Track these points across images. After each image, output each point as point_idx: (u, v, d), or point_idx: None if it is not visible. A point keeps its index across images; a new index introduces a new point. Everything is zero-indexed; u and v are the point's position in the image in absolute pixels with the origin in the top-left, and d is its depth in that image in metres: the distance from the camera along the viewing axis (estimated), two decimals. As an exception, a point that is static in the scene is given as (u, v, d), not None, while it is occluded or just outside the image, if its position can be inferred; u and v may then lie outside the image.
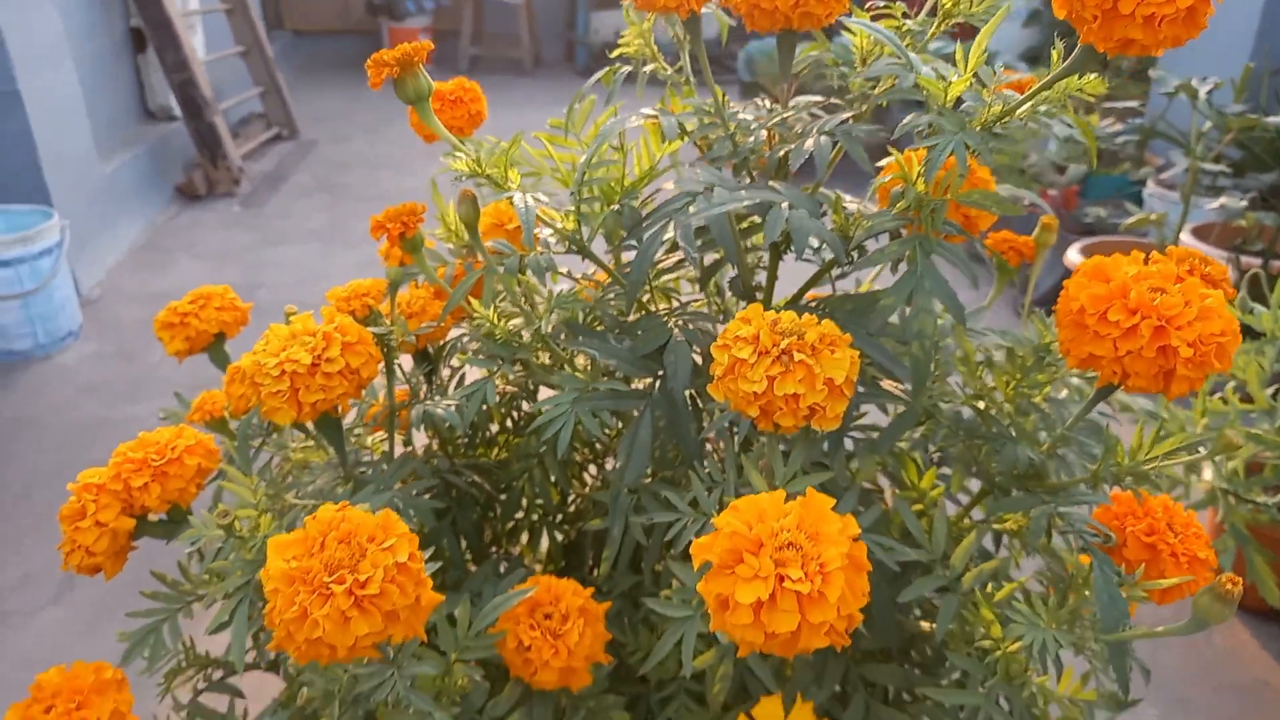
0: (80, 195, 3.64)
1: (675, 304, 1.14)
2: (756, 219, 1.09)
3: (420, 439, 1.17)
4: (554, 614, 0.84)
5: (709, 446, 1.09)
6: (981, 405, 0.85)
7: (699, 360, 1.01)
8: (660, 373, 0.96)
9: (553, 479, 1.09)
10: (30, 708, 0.83)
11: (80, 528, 0.91)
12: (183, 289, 1.20)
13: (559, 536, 1.20)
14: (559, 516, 1.20)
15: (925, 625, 0.89)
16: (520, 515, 1.21)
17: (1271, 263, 3.19)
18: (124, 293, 3.67)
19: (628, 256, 1.11)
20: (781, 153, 0.95)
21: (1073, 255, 3.23)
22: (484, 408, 1.13)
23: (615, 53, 1.04)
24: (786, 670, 0.96)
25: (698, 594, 0.78)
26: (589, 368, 1.04)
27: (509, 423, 1.22)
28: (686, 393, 0.97)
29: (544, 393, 1.16)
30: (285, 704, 0.94)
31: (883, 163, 0.91)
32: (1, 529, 2.42)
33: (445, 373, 1.20)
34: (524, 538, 1.21)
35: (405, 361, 1.15)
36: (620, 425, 1.16)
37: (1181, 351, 0.69)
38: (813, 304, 0.97)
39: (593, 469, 1.26)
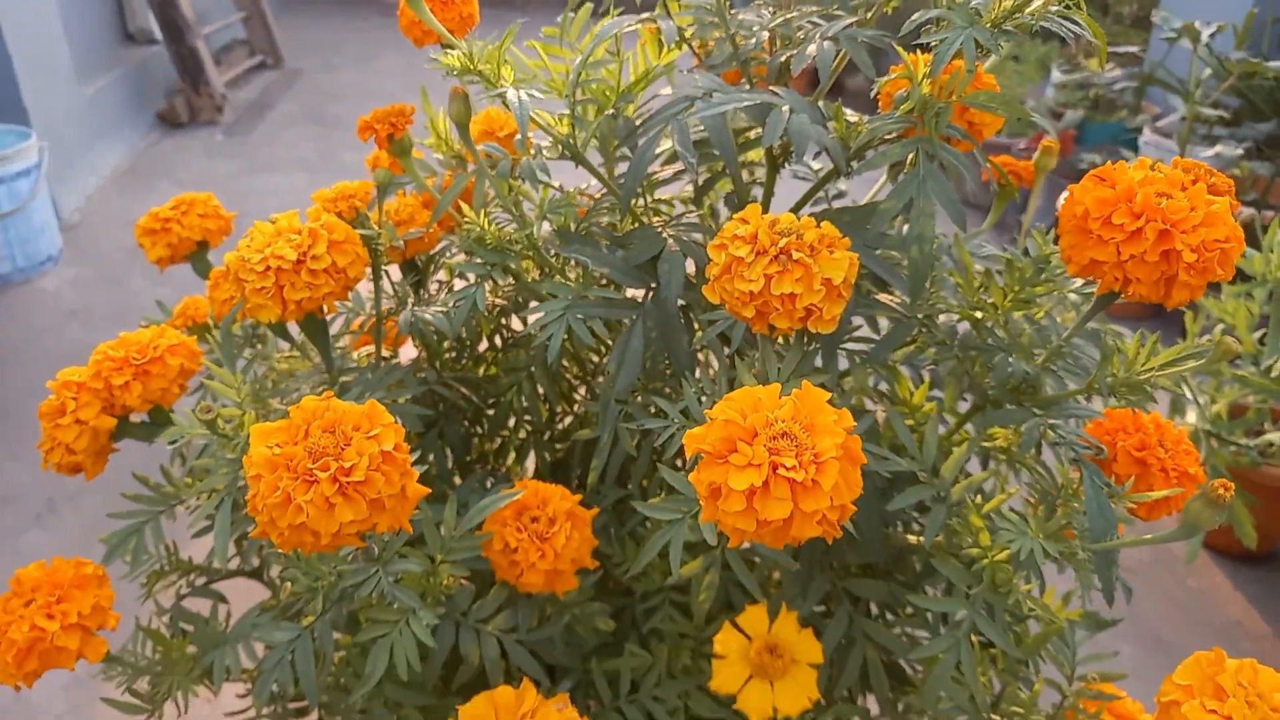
0: (59, 118, 3.56)
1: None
2: (754, 134, 1.06)
3: (408, 354, 1.16)
4: (541, 517, 0.83)
5: (700, 359, 1.08)
6: (979, 315, 0.83)
7: (693, 273, 0.99)
8: (653, 284, 0.94)
9: (541, 393, 1.08)
10: (9, 601, 0.82)
11: (60, 425, 0.89)
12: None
13: (546, 456, 1.19)
14: (547, 434, 1.19)
15: (912, 539, 0.89)
16: (508, 432, 1.20)
17: (1264, 212, 3.18)
18: (105, 218, 3.61)
19: (621, 169, 1.09)
20: (783, 58, 0.93)
21: (1066, 201, 3.21)
22: (473, 322, 1.12)
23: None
24: (771, 582, 0.97)
25: (686, 499, 0.78)
26: (580, 280, 1.02)
27: (498, 339, 1.20)
28: (679, 304, 0.95)
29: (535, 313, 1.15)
30: (268, 608, 0.93)
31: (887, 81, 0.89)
32: (-18, 449, 2.40)
33: (433, 286, 1.18)
34: (511, 456, 1.20)
35: (392, 274, 1.13)
36: (611, 342, 1.15)
37: (1185, 256, 0.68)
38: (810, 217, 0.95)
39: (582, 391, 1.25)
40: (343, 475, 0.64)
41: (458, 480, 1.13)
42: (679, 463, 1.10)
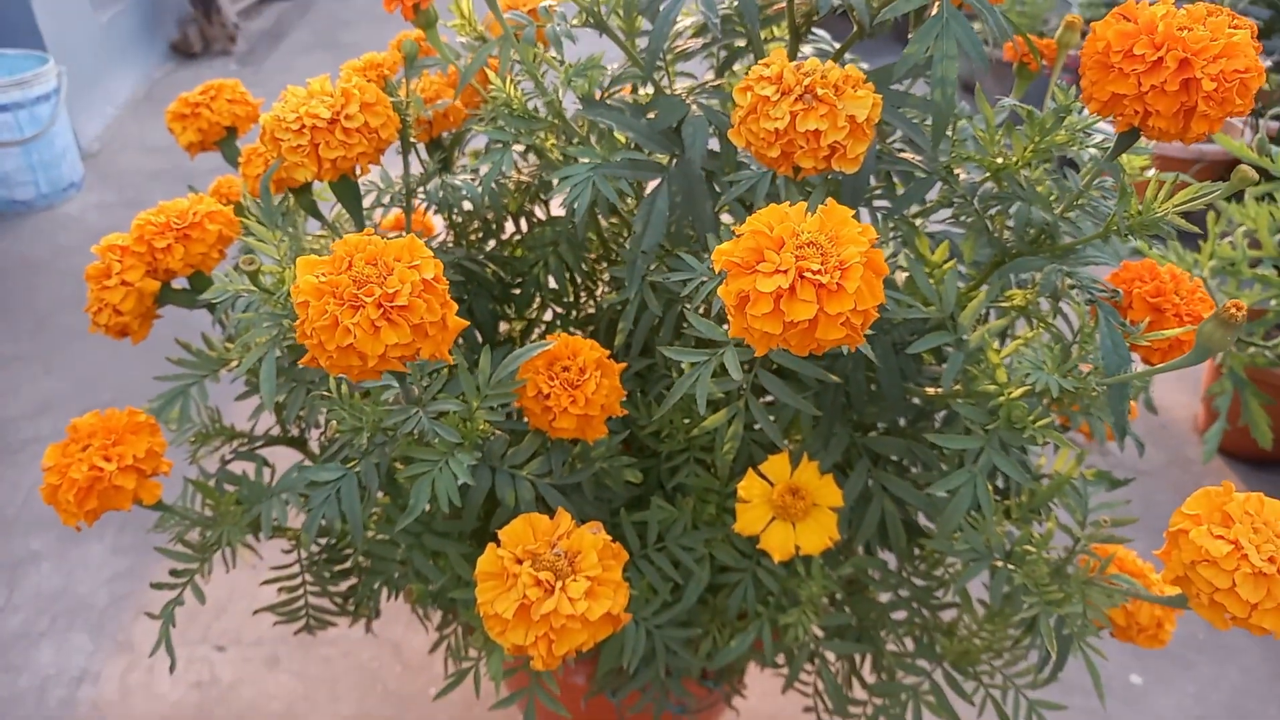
0: (75, 45, 3.56)
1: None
2: (774, 10, 1.07)
3: (435, 228, 1.18)
4: (572, 366, 0.86)
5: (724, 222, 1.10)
6: (1000, 162, 0.85)
7: (715, 143, 1.00)
8: (677, 150, 0.96)
9: (568, 267, 1.11)
10: (68, 446, 0.86)
11: (107, 286, 0.93)
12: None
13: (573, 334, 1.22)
14: (573, 314, 1.22)
15: (930, 390, 0.92)
16: (533, 313, 1.23)
17: (1287, 126, 3.13)
18: (125, 145, 3.63)
19: (643, 43, 1.10)
20: (806, -83, 0.93)
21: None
22: (500, 200, 1.14)
23: None
24: (793, 440, 1.00)
25: (712, 345, 0.81)
26: (605, 146, 1.03)
27: (523, 223, 1.22)
28: (702, 170, 0.97)
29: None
30: (311, 463, 0.97)
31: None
32: (17, 361, 2.45)
33: (458, 170, 1.20)
34: (536, 335, 1.23)
35: (420, 153, 1.15)
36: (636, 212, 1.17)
37: (1204, 85, 0.69)
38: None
39: (606, 277, 1.27)
40: (386, 300, 0.67)
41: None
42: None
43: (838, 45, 1.13)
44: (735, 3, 1.02)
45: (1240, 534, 0.71)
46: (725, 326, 0.80)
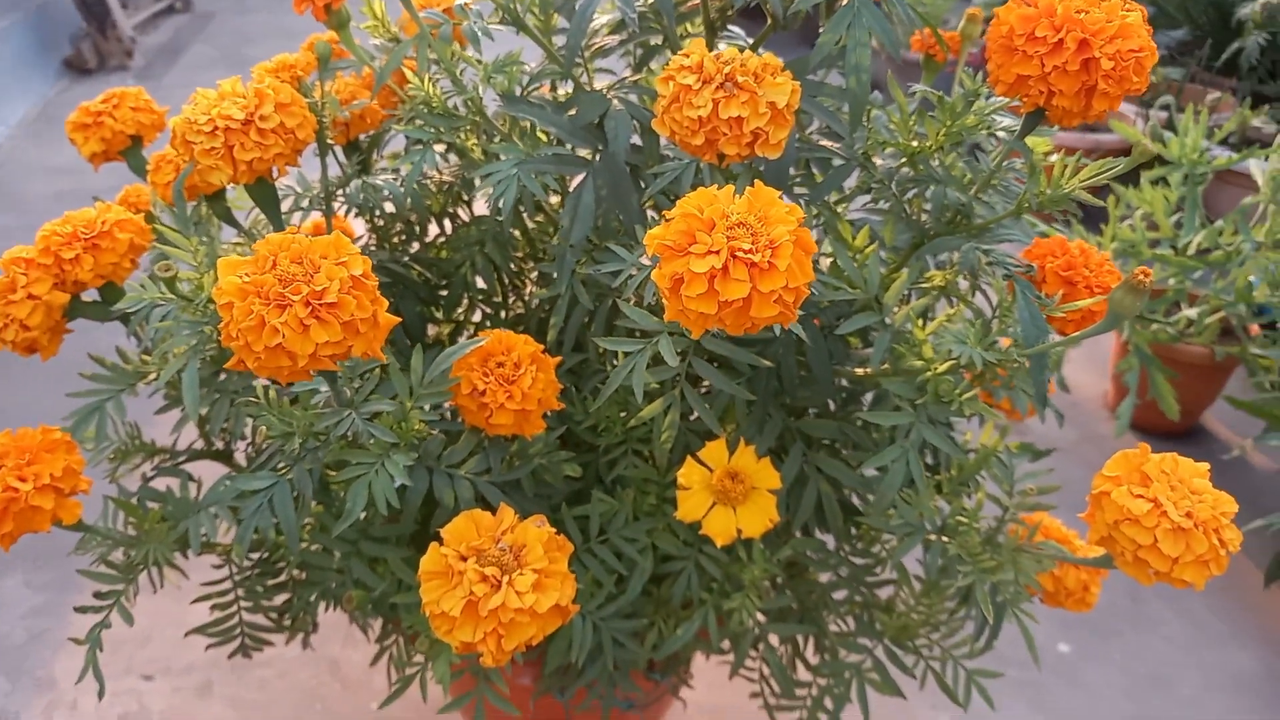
0: (-40, 62, 3.40)
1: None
2: (687, 7, 1.09)
3: (356, 232, 1.16)
4: (506, 362, 0.86)
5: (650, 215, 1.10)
6: (915, 145, 0.87)
7: (637, 137, 1.01)
8: (600, 145, 0.97)
9: (495, 266, 1.10)
10: (-22, 470, 0.82)
11: (12, 301, 0.89)
12: (84, 161, 1.15)
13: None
14: (502, 313, 1.21)
15: (859, 371, 0.94)
16: (461, 314, 1.22)
17: (1178, 114, 3.30)
18: (22, 167, 3.48)
19: (559, 40, 1.10)
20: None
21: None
22: (422, 201, 1.13)
23: None
24: (729, 424, 1.01)
25: (645, 335, 0.81)
26: (528, 142, 1.03)
27: (446, 224, 1.21)
28: (626, 164, 0.97)
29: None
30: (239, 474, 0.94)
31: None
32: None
33: (376, 171, 1.18)
34: (465, 337, 1.22)
35: (338, 155, 1.13)
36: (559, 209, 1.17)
37: (1103, 64, 0.73)
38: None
39: (534, 275, 1.27)
40: (315, 298, 0.66)
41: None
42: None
43: (751, 40, 1.16)
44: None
45: (1158, 492, 0.75)
46: (658, 318, 0.80)
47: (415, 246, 1.20)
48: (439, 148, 1.02)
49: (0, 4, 4.02)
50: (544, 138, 1.05)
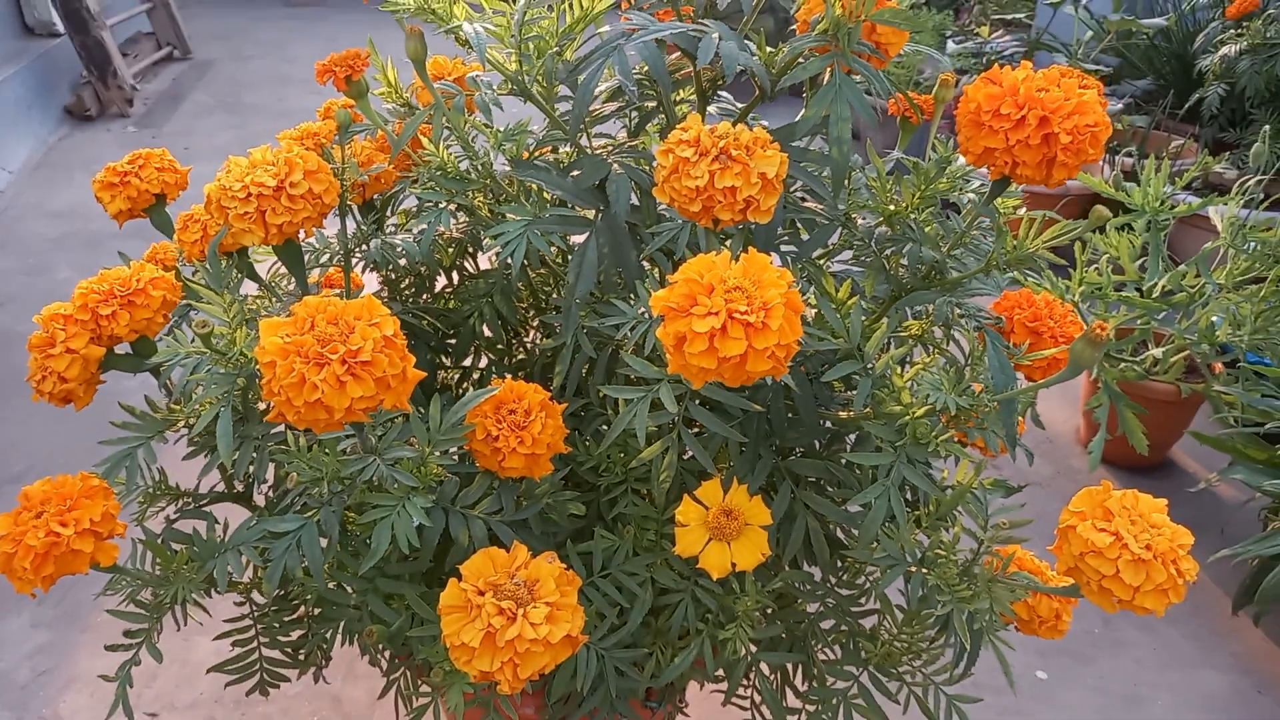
0: (-38, 111, 3.47)
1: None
2: (682, 74, 1.17)
3: (369, 288, 1.23)
4: (518, 409, 0.92)
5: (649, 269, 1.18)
6: (892, 208, 0.95)
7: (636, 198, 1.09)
8: (601, 205, 1.04)
9: (501, 315, 1.17)
10: (20, 515, 0.87)
11: (52, 355, 0.95)
12: (85, 205, 1.21)
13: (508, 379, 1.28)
14: (506, 360, 1.28)
15: (843, 414, 1.01)
16: (469, 363, 1.28)
17: (1142, 161, 3.43)
18: (23, 210, 3.53)
19: (563, 107, 1.18)
20: (709, -5, 1.03)
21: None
22: (434, 255, 1.20)
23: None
24: (722, 464, 1.07)
25: (646, 381, 0.88)
26: (535, 204, 1.10)
27: (455, 276, 1.28)
28: (626, 224, 1.05)
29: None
30: (262, 518, 1.00)
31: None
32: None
33: (389, 228, 1.25)
34: (472, 382, 1.29)
35: (355, 214, 1.20)
36: (565, 265, 1.24)
37: (1061, 139, 0.81)
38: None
39: (536, 324, 1.34)
40: (350, 357, 0.72)
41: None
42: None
43: (740, 105, 1.24)
44: (646, 69, 1.11)
45: (1120, 526, 0.81)
46: (658, 367, 0.87)
47: (424, 298, 1.27)
48: (450, 207, 1.10)
49: (3, 51, 4.11)
50: (547, 197, 1.13)
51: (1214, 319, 2.20)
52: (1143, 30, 3.39)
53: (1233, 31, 3.19)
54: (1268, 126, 1.89)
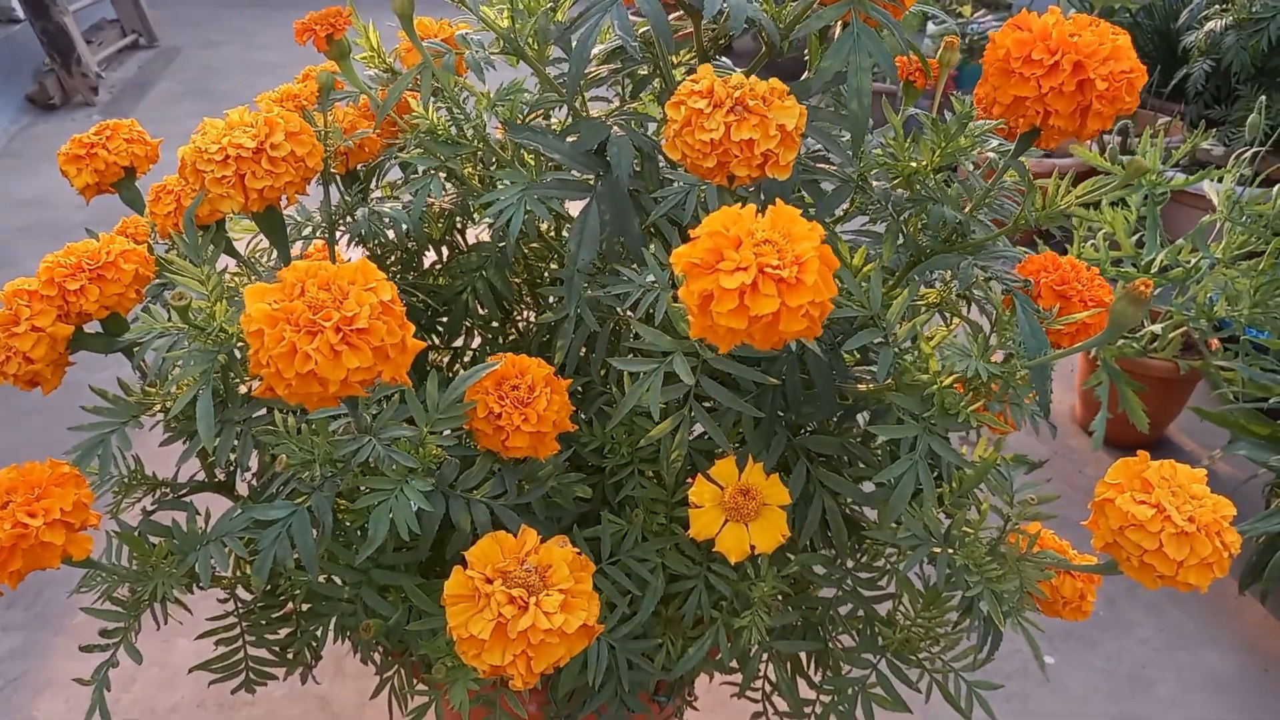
0: (-81, 99, 3.34)
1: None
2: (685, 32, 1.11)
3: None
4: (520, 385, 0.86)
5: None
6: (914, 165, 0.90)
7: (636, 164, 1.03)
8: (601, 170, 0.98)
9: (495, 290, 1.11)
10: (-15, 506, 0.81)
11: (16, 334, 0.88)
12: (51, 194, 1.15)
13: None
14: (500, 339, 1.22)
15: (862, 386, 0.96)
16: (460, 343, 1.22)
17: (1130, 140, 3.41)
18: (-18, 202, 3.42)
19: (554, 70, 1.12)
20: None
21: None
22: (421, 228, 1.14)
23: None
24: (735, 441, 1.02)
25: (656, 354, 0.83)
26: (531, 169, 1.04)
27: (444, 250, 1.22)
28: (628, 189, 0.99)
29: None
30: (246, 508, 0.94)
31: None
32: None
33: (374, 200, 1.18)
34: (464, 361, 1.23)
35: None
36: (559, 236, 1.18)
37: (1098, 85, 0.76)
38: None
39: (530, 302, 1.28)
40: (345, 324, 0.66)
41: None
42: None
43: (738, 71, 1.19)
44: (645, 29, 1.05)
45: (1161, 497, 0.77)
46: (671, 337, 0.82)
47: (411, 275, 1.20)
48: (440, 175, 1.03)
49: (-42, 40, 3.98)
50: (536, 162, 1.07)
51: (1211, 294, 2.16)
52: (1126, 6, 3.37)
53: (1217, 6, 3.17)
54: (1264, 97, 1.86)
